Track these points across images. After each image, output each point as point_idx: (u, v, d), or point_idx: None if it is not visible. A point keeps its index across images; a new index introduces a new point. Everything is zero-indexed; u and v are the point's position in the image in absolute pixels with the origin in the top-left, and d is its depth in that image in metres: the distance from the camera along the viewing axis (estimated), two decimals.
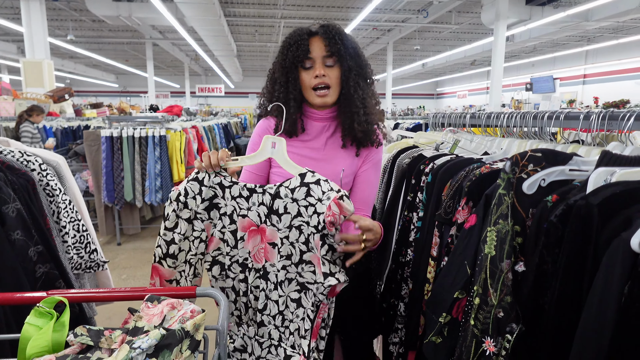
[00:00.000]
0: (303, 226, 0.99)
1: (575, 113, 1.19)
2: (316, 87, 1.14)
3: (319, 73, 1.12)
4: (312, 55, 1.13)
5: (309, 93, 1.16)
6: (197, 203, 1.06)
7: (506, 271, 0.82)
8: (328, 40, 1.12)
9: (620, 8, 8.49)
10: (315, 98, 1.16)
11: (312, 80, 1.14)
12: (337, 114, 1.21)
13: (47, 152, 1.64)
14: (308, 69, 1.14)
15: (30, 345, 0.73)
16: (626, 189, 0.75)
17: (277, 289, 1.04)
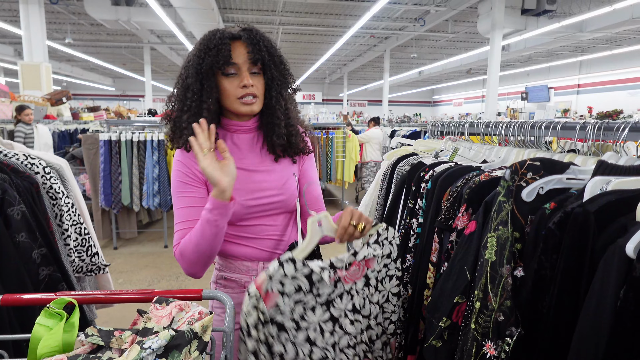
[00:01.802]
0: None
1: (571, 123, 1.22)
2: (242, 96, 1.03)
3: (247, 83, 1.01)
4: (236, 61, 1.01)
5: (232, 102, 1.04)
6: None
7: (506, 276, 0.84)
8: (252, 47, 1.02)
9: (613, 20, 8.63)
10: (241, 106, 1.04)
11: (237, 89, 1.02)
12: (259, 123, 1.13)
13: (50, 155, 1.65)
14: (231, 76, 1.02)
15: (41, 346, 0.74)
16: (621, 197, 0.78)
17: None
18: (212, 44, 1.00)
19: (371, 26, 11.39)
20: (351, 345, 1.00)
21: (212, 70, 1.01)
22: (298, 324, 0.94)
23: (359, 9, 9.81)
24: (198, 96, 1.02)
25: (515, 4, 8.70)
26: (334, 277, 0.96)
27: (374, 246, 1.02)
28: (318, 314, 0.96)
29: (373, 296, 1.03)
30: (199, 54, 1.01)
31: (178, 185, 1.06)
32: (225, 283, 1.15)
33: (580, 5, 9.00)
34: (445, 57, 15.48)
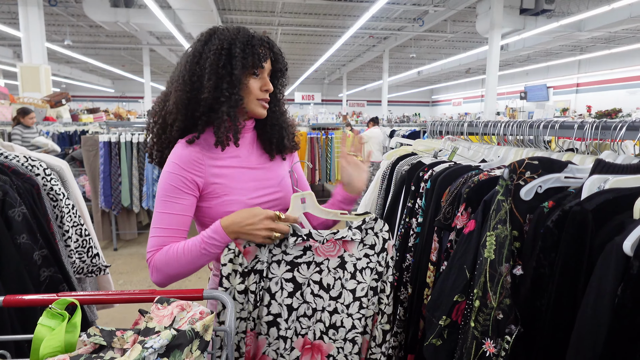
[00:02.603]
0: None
1: (569, 123, 1.23)
2: (262, 98, 1.08)
3: (269, 87, 1.07)
4: (264, 64, 1.06)
5: (252, 102, 1.07)
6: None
7: (505, 274, 0.85)
8: (275, 55, 1.09)
9: (612, 19, 8.65)
10: (259, 108, 1.08)
11: (259, 91, 1.07)
12: (255, 124, 1.16)
13: (51, 157, 1.66)
14: (256, 77, 1.06)
15: (44, 346, 0.74)
16: (619, 195, 0.78)
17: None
18: (254, 42, 1.03)
19: (370, 26, 11.41)
20: (307, 316, 1.01)
21: (251, 68, 1.03)
22: (267, 272, 1.00)
23: (358, 9, 9.83)
24: (238, 89, 1.03)
25: (513, 4, 8.72)
26: (302, 242, 1.00)
27: (354, 230, 1.03)
28: (282, 269, 1.00)
29: (348, 282, 1.02)
30: (243, 49, 1.01)
31: (169, 189, 1.01)
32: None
33: (578, 5, 9.01)
34: (444, 57, 15.50)
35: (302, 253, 1.01)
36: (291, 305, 1.00)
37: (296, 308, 1.01)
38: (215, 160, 1.06)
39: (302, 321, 1.01)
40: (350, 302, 1.02)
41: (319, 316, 1.02)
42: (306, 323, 1.01)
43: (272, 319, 0.99)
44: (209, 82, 1.01)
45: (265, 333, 1.00)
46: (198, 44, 1.06)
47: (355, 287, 1.02)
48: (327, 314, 1.02)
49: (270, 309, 0.99)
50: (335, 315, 1.02)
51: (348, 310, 1.02)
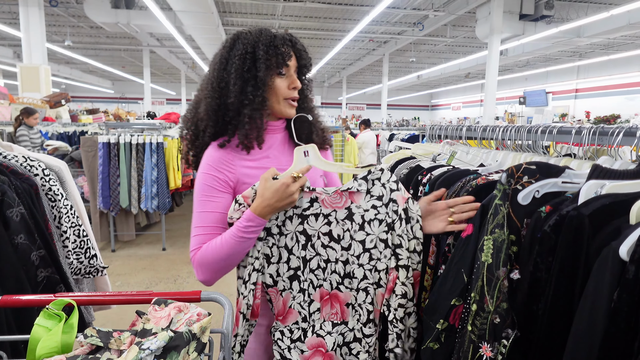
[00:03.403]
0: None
1: (567, 128, 1.23)
2: (289, 97, 1.09)
3: (297, 85, 1.08)
4: (290, 63, 1.07)
5: (279, 102, 1.08)
6: None
7: (502, 278, 0.85)
8: (300, 53, 1.09)
9: (610, 25, 8.70)
10: (287, 107, 1.10)
11: (287, 90, 1.08)
12: (286, 124, 1.17)
13: (49, 158, 1.66)
14: (282, 76, 1.07)
15: (40, 346, 0.74)
16: (615, 200, 0.79)
17: None
18: (277, 42, 1.04)
19: (370, 30, 11.45)
20: (321, 268, 1.04)
21: (275, 68, 1.05)
22: (281, 229, 1.02)
23: (358, 13, 9.86)
24: (262, 91, 1.05)
25: (513, 9, 8.76)
26: (309, 193, 1.02)
27: (360, 181, 1.04)
28: (295, 223, 1.02)
29: (357, 234, 1.03)
30: (266, 50, 1.03)
31: (205, 189, 1.05)
32: None
33: (577, 11, 9.06)
34: (443, 62, 15.56)
35: (309, 205, 1.03)
36: (305, 257, 1.03)
37: (309, 260, 1.03)
38: (245, 161, 1.09)
39: (317, 273, 1.04)
40: (360, 252, 1.04)
41: (333, 267, 1.04)
42: (321, 275, 1.04)
43: (293, 273, 1.03)
44: (235, 86, 1.04)
45: (288, 288, 1.03)
46: (224, 50, 1.08)
47: (364, 239, 1.03)
48: (341, 264, 1.04)
49: (290, 263, 1.03)
50: (347, 266, 1.04)
51: (359, 261, 1.04)
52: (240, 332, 1.01)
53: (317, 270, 1.04)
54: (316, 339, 1.03)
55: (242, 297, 1.01)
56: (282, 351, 1.03)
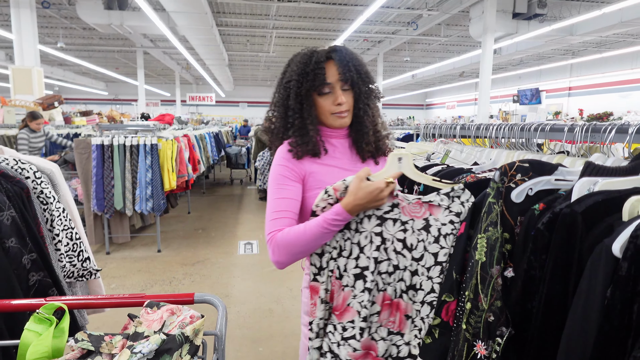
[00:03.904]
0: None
1: (560, 125, 1.23)
2: (336, 112, 1.17)
3: (341, 101, 1.15)
4: (330, 81, 1.14)
5: (327, 117, 1.18)
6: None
7: (496, 277, 0.85)
8: (342, 67, 1.15)
9: (603, 23, 8.76)
10: (335, 121, 1.18)
11: (332, 106, 1.16)
12: (349, 131, 1.25)
13: (41, 160, 1.64)
14: (325, 95, 1.16)
15: (30, 351, 0.73)
16: (608, 197, 0.79)
17: None
18: (309, 68, 1.13)
19: (364, 30, 11.46)
20: (389, 272, 1.05)
21: (309, 92, 1.15)
22: (357, 226, 1.05)
23: (352, 13, 9.87)
24: (299, 115, 1.16)
25: (506, 8, 8.80)
26: (392, 198, 1.06)
27: (442, 196, 1.06)
28: (372, 223, 1.06)
29: (431, 245, 1.05)
30: (297, 78, 1.14)
31: (280, 179, 1.13)
32: None
33: (570, 9, 9.11)
34: (438, 61, 15.59)
35: (389, 209, 1.06)
36: (377, 258, 1.05)
37: (380, 262, 1.05)
38: (314, 159, 1.18)
39: (384, 277, 1.06)
40: (431, 265, 1.05)
41: (400, 275, 1.06)
42: (387, 279, 1.06)
43: (360, 271, 1.05)
44: (278, 112, 1.20)
45: (351, 285, 1.05)
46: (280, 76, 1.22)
47: (437, 252, 1.05)
48: (409, 274, 1.06)
49: (359, 262, 1.05)
50: (415, 277, 1.06)
51: (428, 273, 1.05)
52: (319, 315, 1.05)
53: (384, 274, 1.05)
54: (369, 341, 1.05)
55: (320, 283, 1.06)
56: (331, 344, 1.06)
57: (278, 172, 1.15)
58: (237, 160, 8.79)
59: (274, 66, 18.39)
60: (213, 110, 24.50)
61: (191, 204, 6.75)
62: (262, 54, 15.21)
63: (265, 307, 3.19)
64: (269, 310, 3.14)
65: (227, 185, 9.26)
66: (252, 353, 2.58)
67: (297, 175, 1.15)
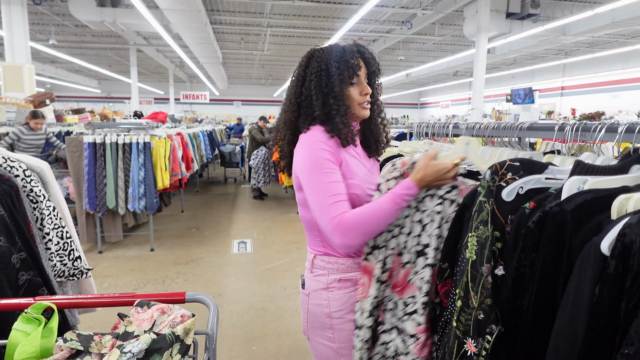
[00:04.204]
0: None
1: (550, 124, 1.24)
2: (363, 102, 1.22)
3: (368, 91, 1.22)
4: (359, 72, 1.20)
5: (355, 107, 1.22)
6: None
7: (486, 275, 0.86)
8: (370, 60, 1.23)
9: (595, 24, 8.82)
10: (362, 111, 1.23)
11: (360, 96, 1.21)
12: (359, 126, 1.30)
13: (31, 158, 1.62)
14: (354, 85, 1.20)
15: (18, 351, 0.73)
16: (597, 196, 0.79)
17: None
18: (346, 56, 1.19)
19: (359, 29, 11.45)
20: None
21: (348, 80, 1.19)
22: (418, 205, 1.10)
23: (347, 11, 9.86)
24: (343, 101, 1.18)
25: (500, 8, 8.83)
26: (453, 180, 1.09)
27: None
28: (434, 202, 1.10)
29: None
30: (338, 66, 1.18)
31: (325, 162, 1.11)
32: (340, 285, 1.18)
33: (563, 10, 9.17)
34: (432, 60, 15.63)
35: (449, 190, 1.10)
36: (438, 235, 1.08)
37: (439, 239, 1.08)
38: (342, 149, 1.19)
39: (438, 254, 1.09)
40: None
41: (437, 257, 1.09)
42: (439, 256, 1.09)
43: (422, 249, 1.09)
44: (317, 101, 1.18)
45: (413, 262, 1.09)
46: (300, 69, 1.24)
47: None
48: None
49: (421, 239, 1.09)
50: None
51: None
52: (373, 293, 1.07)
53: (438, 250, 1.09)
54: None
55: (377, 262, 1.08)
56: (395, 320, 1.09)
57: (321, 156, 1.12)
58: (231, 158, 8.76)
59: (268, 64, 18.34)
60: (207, 108, 24.39)
61: (184, 203, 6.71)
62: (256, 52, 15.15)
63: (259, 306, 3.19)
64: (262, 310, 3.13)
65: (221, 184, 9.23)
66: (246, 352, 2.57)
67: (337, 160, 1.15)
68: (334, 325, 1.17)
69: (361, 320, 1.08)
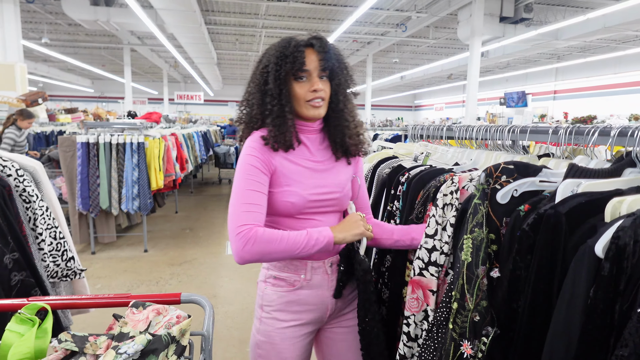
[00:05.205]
0: None
1: (544, 128, 1.26)
2: (311, 99, 1.12)
3: (317, 87, 1.11)
4: (308, 67, 1.10)
5: (302, 105, 1.13)
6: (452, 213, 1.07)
7: (482, 277, 0.86)
8: (323, 55, 1.11)
9: (587, 29, 8.93)
10: (310, 110, 1.13)
11: (308, 93, 1.11)
12: (323, 126, 1.21)
13: (24, 158, 1.61)
14: (302, 82, 1.11)
15: (12, 352, 0.72)
16: (591, 199, 0.80)
17: None
18: (287, 51, 1.09)
19: (354, 31, 11.49)
20: None
21: (288, 76, 1.10)
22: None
23: (342, 13, 9.88)
24: (278, 100, 1.11)
25: (493, 12, 8.90)
26: None
27: None
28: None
29: None
30: (276, 61, 1.10)
31: (250, 169, 1.09)
32: (275, 282, 1.19)
33: (555, 14, 9.27)
34: (426, 63, 15.72)
35: None
36: None
37: None
38: (284, 153, 1.14)
39: None
40: None
41: None
42: None
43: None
44: (255, 99, 1.14)
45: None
46: (255, 66, 1.18)
47: None
48: None
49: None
50: None
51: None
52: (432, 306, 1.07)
53: None
54: None
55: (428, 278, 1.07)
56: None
57: (248, 162, 1.09)
58: (225, 159, 8.73)
59: None
60: (201, 109, 24.29)
61: (179, 204, 6.68)
62: (251, 53, 15.14)
63: (253, 307, 3.17)
64: None
65: (215, 185, 9.20)
66: (240, 353, 2.56)
67: (268, 168, 1.10)
68: (262, 317, 1.20)
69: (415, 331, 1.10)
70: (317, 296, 1.19)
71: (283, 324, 1.18)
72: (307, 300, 1.18)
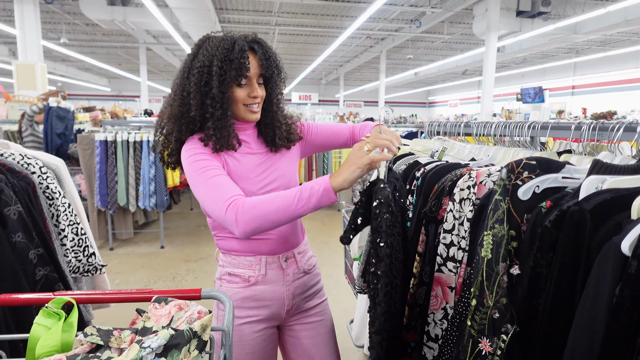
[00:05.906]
0: None
1: (566, 124, 1.23)
2: (249, 104, 1.13)
3: (257, 94, 1.12)
4: (250, 73, 1.10)
5: (240, 108, 1.13)
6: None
7: (502, 274, 0.85)
8: (263, 61, 1.11)
9: (607, 22, 8.70)
10: (247, 114, 1.14)
11: (247, 98, 1.12)
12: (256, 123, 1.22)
13: (47, 155, 1.65)
14: (242, 87, 1.11)
15: (40, 345, 0.74)
16: (616, 195, 0.79)
17: None
18: (232, 55, 1.06)
19: (367, 27, 11.42)
20: None
21: (231, 81, 1.08)
22: None
23: (355, 10, 9.83)
24: (220, 105, 1.08)
25: (510, 6, 8.75)
26: None
27: None
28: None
29: None
30: (221, 66, 1.05)
31: (201, 163, 1.06)
32: (230, 278, 1.20)
33: (574, 8, 9.06)
34: (441, 58, 15.54)
35: None
36: None
37: None
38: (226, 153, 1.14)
39: None
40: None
41: None
42: None
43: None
44: (194, 100, 1.08)
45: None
46: (189, 57, 1.12)
47: None
48: None
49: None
50: None
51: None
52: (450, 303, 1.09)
53: None
54: None
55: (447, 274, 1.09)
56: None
57: (198, 159, 1.07)
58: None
59: None
60: None
61: (194, 201, 6.75)
62: None
63: None
64: None
65: None
66: None
67: (215, 157, 1.10)
68: (218, 316, 1.20)
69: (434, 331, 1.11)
70: (272, 292, 1.19)
71: (239, 320, 1.17)
72: (263, 295, 1.18)
